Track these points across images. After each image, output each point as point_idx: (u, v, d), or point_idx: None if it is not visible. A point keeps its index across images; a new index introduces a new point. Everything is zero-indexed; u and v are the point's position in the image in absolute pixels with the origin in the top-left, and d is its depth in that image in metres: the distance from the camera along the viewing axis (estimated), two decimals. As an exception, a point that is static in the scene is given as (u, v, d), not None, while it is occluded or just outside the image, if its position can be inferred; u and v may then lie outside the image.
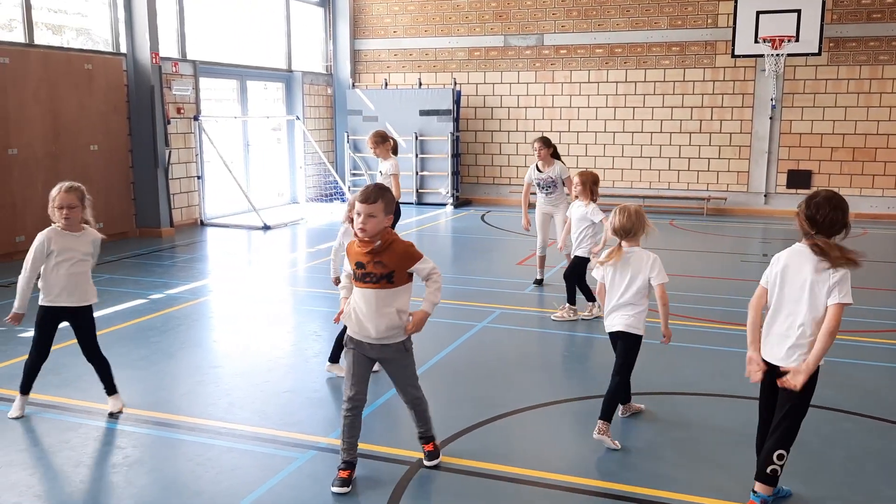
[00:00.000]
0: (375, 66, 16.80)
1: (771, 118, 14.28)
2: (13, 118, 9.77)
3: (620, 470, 4.12)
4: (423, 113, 15.50)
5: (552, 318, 7.07)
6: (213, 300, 7.89)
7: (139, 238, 11.64)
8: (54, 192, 4.63)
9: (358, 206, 3.76)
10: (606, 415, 4.37)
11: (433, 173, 15.66)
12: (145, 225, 11.88)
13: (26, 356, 4.77)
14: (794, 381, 3.41)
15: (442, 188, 15.59)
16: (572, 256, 7.11)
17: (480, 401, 5.06)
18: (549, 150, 8.10)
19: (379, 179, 7.85)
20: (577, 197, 6.85)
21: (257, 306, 7.66)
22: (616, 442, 4.36)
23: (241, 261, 10.43)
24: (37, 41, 10.38)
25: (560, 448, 4.47)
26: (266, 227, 12.52)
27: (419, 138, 15.54)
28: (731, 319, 7.04)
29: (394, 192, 7.09)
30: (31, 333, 6.55)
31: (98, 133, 11.10)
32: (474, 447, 4.38)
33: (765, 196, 14.60)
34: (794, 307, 3.51)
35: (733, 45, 13.77)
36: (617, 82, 15.14)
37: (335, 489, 3.84)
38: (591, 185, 6.79)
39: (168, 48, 12.43)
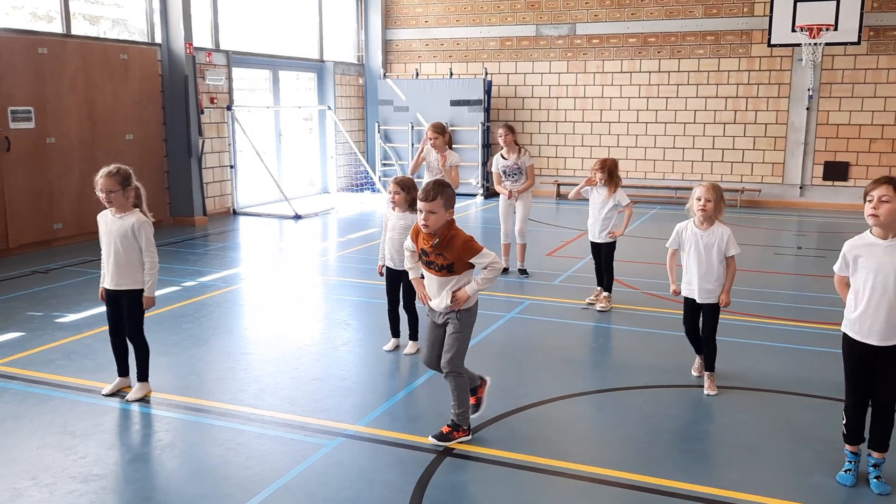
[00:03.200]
0: (406, 56, 16.80)
1: (808, 108, 14.01)
2: (51, 107, 9.95)
3: (647, 462, 4.10)
4: (454, 103, 15.47)
5: (597, 308, 7.05)
6: (244, 288, 7.98)
7: (173, 226, 11.80)
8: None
9: (419, 203, 4.07)
10: (711, 367, 5.06)
11: (463, 164, 15.49)
12: (179, 214, 12.04)
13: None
14: None
15: (472, 178, 15.57)
16: (603, 244, 7.05)
17: (508, 390, 5.06)
18: (514, 137, 8.45)
19: (440, 173, 7.90)
20: (598, 184, 6.95)
21: (288, 295, 7.74)
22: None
23: (273, 250, 10.53)
24: (74, 32, 10.55)
25: (587, 439, 4.46)
26: (297, 217, 12.62)
27: (450, 128, 15.49)
28: (763, 312, 6.95)
29: (454, 184, 7.49)
30: (66, 319, 6.72)
31: (133, 122, 11.27)
32: (501, 436, 4.39)
33: (800, 188, 14.35)
34: None
35: (770, 34, 13.52)
36: (650, 72, 14.97)
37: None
38: (615, 171, 6.97)
39: (202, 38, 12.55)
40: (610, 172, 6.91)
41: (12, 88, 9.41)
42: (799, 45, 13.29)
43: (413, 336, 5.89)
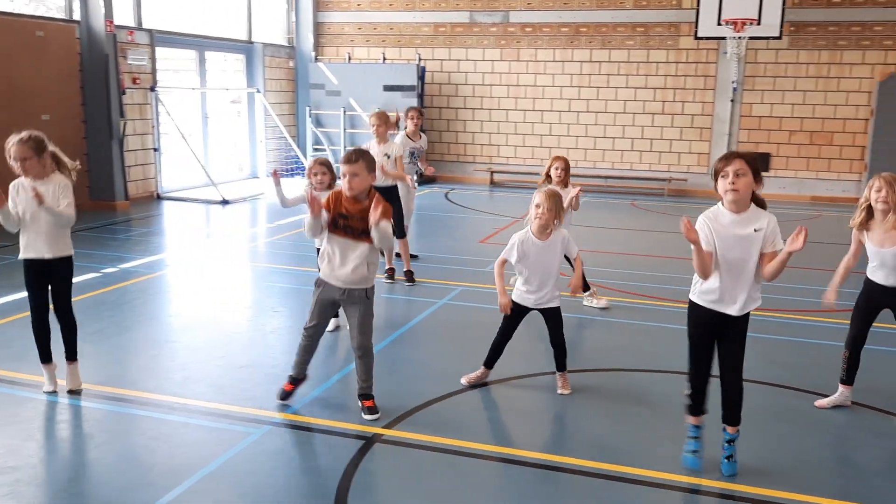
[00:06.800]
0: (339, 40, 16.56)
1: (732, 101, 14.41)
2: (-40, 84, 9.43)
3: (580, 445, 4.15)
4: (388, 88, 15.33)
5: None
6: (169, 274, 7.74)
7: (92, 211, 11.32)
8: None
9: (342, 167, 4.11)
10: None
11: (396, 150, 15.54)
12: (99, 198, 11.58)
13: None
14: None
15: (405, 165, 15.47)
16: None
17: (439, 376, 5.04)
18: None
19: (386, 162, 7.37)
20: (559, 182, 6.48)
21: (215, 281, 7.54)
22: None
23: (199, 235, 10.26)
24: (-14, 5, 10.02)
25: (517, 423, 4.49)
26: (225, 202, 12.32)
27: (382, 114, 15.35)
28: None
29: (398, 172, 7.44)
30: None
31: (50, 102, 10.77)
32: (432, 421, 4.37)
33: (724, 178, 14.74)
34: None
35: (696, 26, 13.83)
36: (582, 62, 15.14)
37: (279, 400, 4.50)
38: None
39: (123, 16, 12.07)
40: None
41: (-83, 63, 8.89)
42: (724, 38, 13.64)
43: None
